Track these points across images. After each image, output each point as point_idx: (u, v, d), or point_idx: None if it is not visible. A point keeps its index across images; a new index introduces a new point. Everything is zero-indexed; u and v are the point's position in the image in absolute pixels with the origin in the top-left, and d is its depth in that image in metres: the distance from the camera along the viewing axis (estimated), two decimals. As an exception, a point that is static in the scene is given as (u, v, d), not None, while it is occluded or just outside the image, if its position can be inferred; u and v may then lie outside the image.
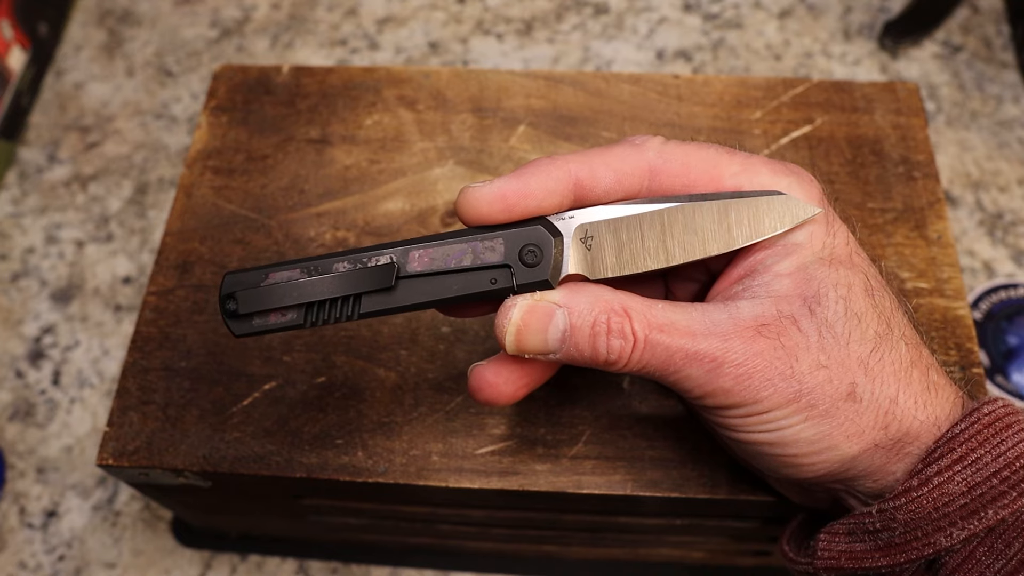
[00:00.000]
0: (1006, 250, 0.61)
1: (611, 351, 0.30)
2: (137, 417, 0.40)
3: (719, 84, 0.49)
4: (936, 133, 0.66)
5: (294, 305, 0.30)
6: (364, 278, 0.30)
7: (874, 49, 0.71)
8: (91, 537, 0.54)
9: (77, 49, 0.75)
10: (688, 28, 0.73)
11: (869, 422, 0.30)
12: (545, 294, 0.30)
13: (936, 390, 0.31)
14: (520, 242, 0.30)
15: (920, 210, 0.44)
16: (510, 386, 0.32)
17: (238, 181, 0.47)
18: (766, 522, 0.42)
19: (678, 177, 0.31)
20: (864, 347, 0.30)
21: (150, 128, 0.70)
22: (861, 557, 0.31)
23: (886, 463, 0.30)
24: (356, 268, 0.30)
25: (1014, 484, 0.29)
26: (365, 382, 0.41)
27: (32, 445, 0.57)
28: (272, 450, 0.39)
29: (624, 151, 0.31)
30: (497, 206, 0.30)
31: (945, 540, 0.29)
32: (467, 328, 0.42)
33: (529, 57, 0.72)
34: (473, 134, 0.48)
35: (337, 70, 0.51)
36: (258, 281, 0.30)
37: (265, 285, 0.30)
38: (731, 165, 0.31)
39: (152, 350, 0.42)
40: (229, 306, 0.30)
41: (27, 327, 0.61)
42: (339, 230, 0.45)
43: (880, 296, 0.31)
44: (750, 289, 0.31)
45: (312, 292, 0.29)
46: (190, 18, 0.76)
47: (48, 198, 0.67)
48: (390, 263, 0.30)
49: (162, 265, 0.44)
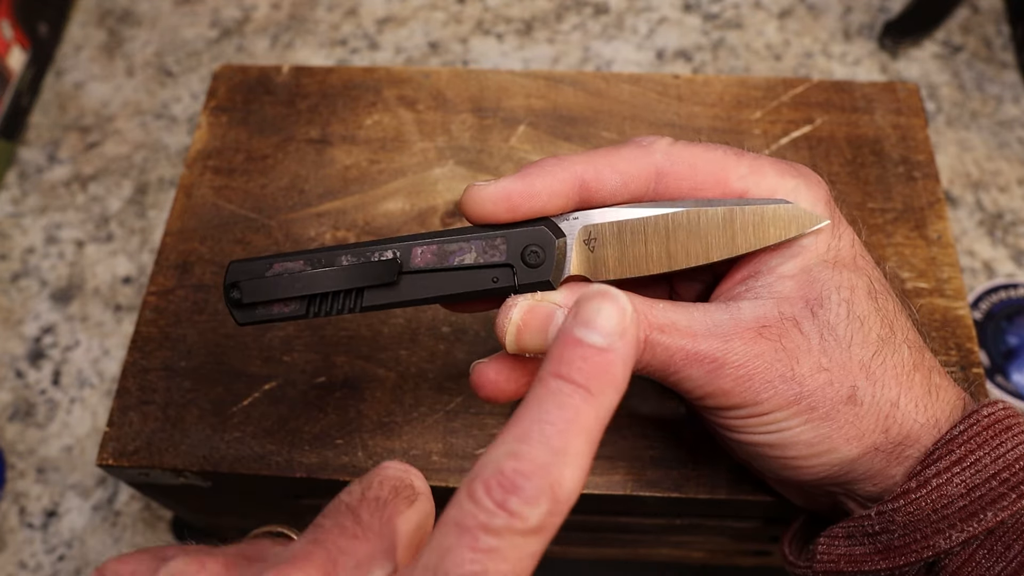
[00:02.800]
0: (1006, 250, 0.61)
1: None
2: (137, 417, 0.40)
3: (719, 84, 0.49)
4: (936, 133, 0.66)
5: (297, 296, 0.30)
6: (367, 273, 0.30)
7: (874, 49, 0.70)
8: (91, 537, 0.54)
9: (77, 49, 0.75)
10: (688, 28, 0.73)
11: (869, 425, 0.30)
12: (546, 294, 0.30)
13: (938, 392, 0.31)
14: (523, 242, 0.30)
15: (920, 210, 0.44)
16: (512, 383, 0.32)
17: (238, 181, 0.47)
18: (766, 522, 0.42)
19: (685, 180, 0.31)
20: (866, 350, 0.30)
21: (150, 128, 0.70)
22: (860, 560, 0.31)
23: (886, 466, 0.30)
24: (360, 262, 0.30)
25: (1013, 486, 0.29)
26: (365, 382, 0.41)
27: (32, 445, 0.57)
28: (272, 450, 0.39)
29: (631, 153, 0.31)
30: (502, 206, 0.30)
31: (944, 542, 0.29)
32: (467, 328, 0.42)
33: (529, 57, 0.72)
34: (473, 134, 0.48)
35: (337, 70, 0.51)
36: (263, 271, 0.30)
37: (270, 275, 0.30)
38: (738, 167, 0.31)
39: (152, 350, 0.42)
40: (233, 295, 0.30)
41: (27, 327, 0.61)
42: (339, 230, 0.45)
43: (883, 299, 0.31)
44: (753, 290, 0.31)
45: (316, 284, 0.30)
46: (190, 18, 0.76)
47: (48, 198, 0.67)
48: (393, 259, 0.30)
49: (162, 265, 0.44)
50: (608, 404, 0.22)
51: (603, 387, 0.21)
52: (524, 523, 0.20)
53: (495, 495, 0.20)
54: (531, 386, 0.22)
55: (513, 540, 0.20)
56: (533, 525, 0.20)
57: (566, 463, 0.20)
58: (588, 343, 0.21)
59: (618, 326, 0.22)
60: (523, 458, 0.20)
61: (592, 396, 0.21)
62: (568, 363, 0.21)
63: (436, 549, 0.20)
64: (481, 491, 0.20)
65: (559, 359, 0.22)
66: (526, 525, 0.20)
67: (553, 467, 0.20)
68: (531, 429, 0.21)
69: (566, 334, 0.22)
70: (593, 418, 0.21)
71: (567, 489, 0.20)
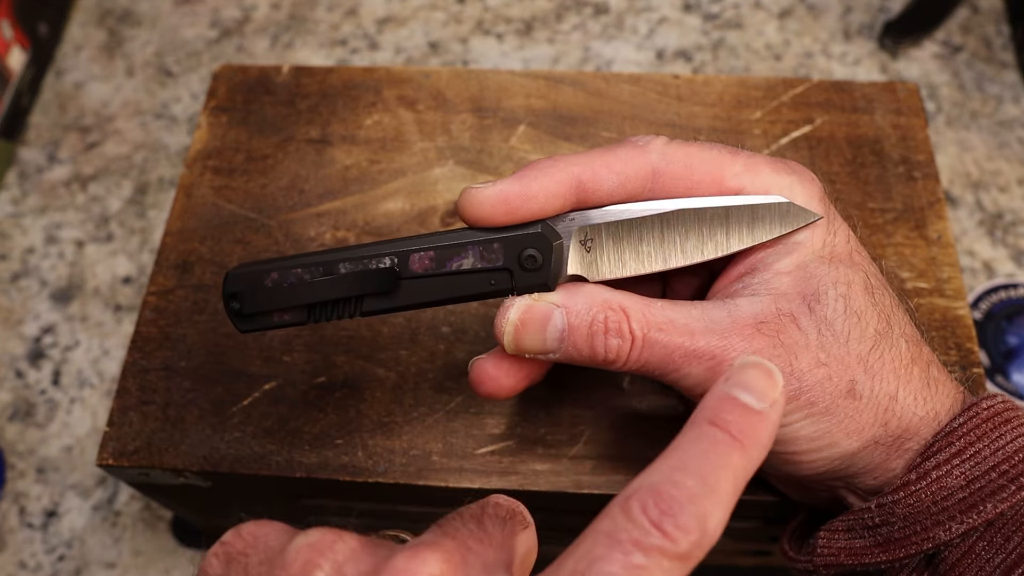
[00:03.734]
0: (1006, 250, 0.61)
1: (609, 350, 0.30)
2: (137, 417, 0.40)
3: (719, 84, 0.49)
4: (936, 133, 0.66)
5: (297, 305, 0.30)
6: (366, 281, 0.30)
7: (874, 49, 0.70)
8: (91, 537, 0.54)
9: (77, 49, 0.75)
10: (688, 28, 0.73)
11: (869, 419, 0.30)
12: (543, 295, 0.30)
13: (936, 386, 0.31)
14: (520, 247, 0.30)
15: (920, 210, 0.44)
16: (511, 379, 0.32)
17: (238, 181, 0.47)
18: (766, 522, 0.42)
19: (681, 179, 0.31)
20: (864, 345, 0.30)
21: (150, 128, 0.70)
22: (860, 553, 0.31)
23: (886, 460, 0.30)
24: (358, 270, 0.30)
25: (1013, 478, 0.29)
26: (365, 382, 0.41)
27: (32, 445, 0.57)
28: (272, 450, 0.39)
29: (627, 153, 0.31)
30: (499, 209, 0.30)
31: (944, 534, 0.29)
32: (467, 328, 0.42)
33: (529, 57, 0.72)
34: (473, 134, 0.48)
35: (337, 70, 0.51)
36: (261, 280, 0.30)
37: (269, 285, 0.30)
38: (733, 165, 0.31)
39: (152, 350, 0.42)
40: (233, 305, 0.30)
41: (27, 327, 0.61)
42: (339, 230, 0.45)
43: (880, 294, 0.31)
44: (750, 287, 0.31)
45: (315, 294, 0.30)
46: (190, 18, 0.76)
47: (48, 198, 0.67)
48: (391, 267, 0.30)
49: (162, 265, 0.44)
50: (755, 461, 0.22)
51: (754, 443, 0.22)
52: (675, 547, 0.20)
53: (651, 514, 0.20)
54: (683, 428, 0.23)
55: (661, 562, 0.20)
56: (682, 551, 0.20)
57: (715, 501, 0.21)
58: (744, 402, 0.23)
59: (772, 394, 0.23)
60: (680, 486, 0.21)
61: (744, 449, 0.22)
62: (725, 415, 0.22)
63: (584, 557, 0.21)
64: (638, 509, 0.21)
65: (716, 409, 0.22)
66: (676, 549, 0.20)
67: (706, 500, 0.21)
68: (687, 463, 0.21)
69: (724, 392, 0.23)
70: (741, 468, 0.22)
71: (713, 525, 0.21)
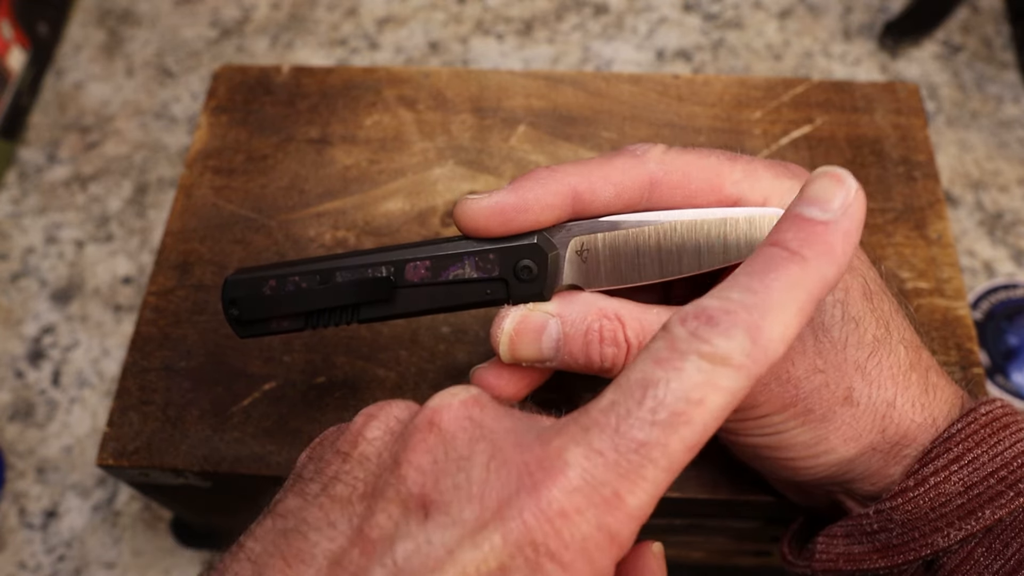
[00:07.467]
0: (1006, 250, 0.61)
1: (604, 358, 0.30)
2: (137, 417, 0.40)
3: (719, 84, 0.49)
4: (936, 133, 0.66)
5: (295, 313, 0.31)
6: (362, 290, 0.30)
7: (874, 49, 0.70)
8: (91, 537, 0.54)
9: (77, 49, 0.75)
10: (688, 28, 0.73)
11: (866, 425, 0.30)
12: (539, 304, 0.30)
13: (935, 391, 0.31)
14: (516, 258, 0.30)
15: (920, 210, 0.44)
16: (511, 387, 0.32)
17: (238, 181, 0.47)
18: (766, 522, 0.42)
19: (679, 188, 0.31)
20: (861, 351, 0.30)
21: (150, 128, 0.70)
22: (859, 559, 0.31)
23: (884, 466, 0.30)
24: (355, 279, 0.31)
25: (1011, 484, 0.29)
26: (365, 382, 0.41)
27: (32, 445, 0.57)
28: (272, 450, 0.39)
29: (624, 163, 0.31)
30: (495, 220, 0.30)
31: (943, 540, 0.29)
32: (467, 329, 0.42)
33: (529, 57, 0.72)
34: (473, 134, 0.48)
35: (337, 70, 0.51)
36: (260, 287, 0.31)
37: (267, 293, 0.31)
38: (732, 172, 0.31)
39: (152, 350, 0.42)
40: (232, 312, 0.31)
41: (27, 327, 0.61)
42: (339, 230, 0.45)
43: (879, 299, 0.31)
44: None
45: (312, 302, 0.31)
46: (190, 18, 0.76)
47: (48, 198, 0.67)
48: (388, 276, 0.30)
49: (162, 265, 0.44)
50: (822, 274, 0.21)
51: (817, 254, 0.21)
52: (711, 348, 0.20)
53: (689, 325, 0.20)
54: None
55: (699, 363, 0.19)
56: (721, 353, 0.20)
57: (766, 313, 0.20)
58: (806, 216, 0.21)
59: (841, 202, 0.21)
60: (724, 299, 0.20)
61: (805, 261, 0.21)
62: (784, 232, 0.21)
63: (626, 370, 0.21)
64: (676, 322, 0.20)
65: (776, 230, 0.21)
66: (713, 350, 0.20)
67: (754, 310, 0.20)
68: (736, 281, 0.21)
69: (788, 212, 0.22)
70: (801, 280, 0.21)
71: (768, 337, 0.20)
